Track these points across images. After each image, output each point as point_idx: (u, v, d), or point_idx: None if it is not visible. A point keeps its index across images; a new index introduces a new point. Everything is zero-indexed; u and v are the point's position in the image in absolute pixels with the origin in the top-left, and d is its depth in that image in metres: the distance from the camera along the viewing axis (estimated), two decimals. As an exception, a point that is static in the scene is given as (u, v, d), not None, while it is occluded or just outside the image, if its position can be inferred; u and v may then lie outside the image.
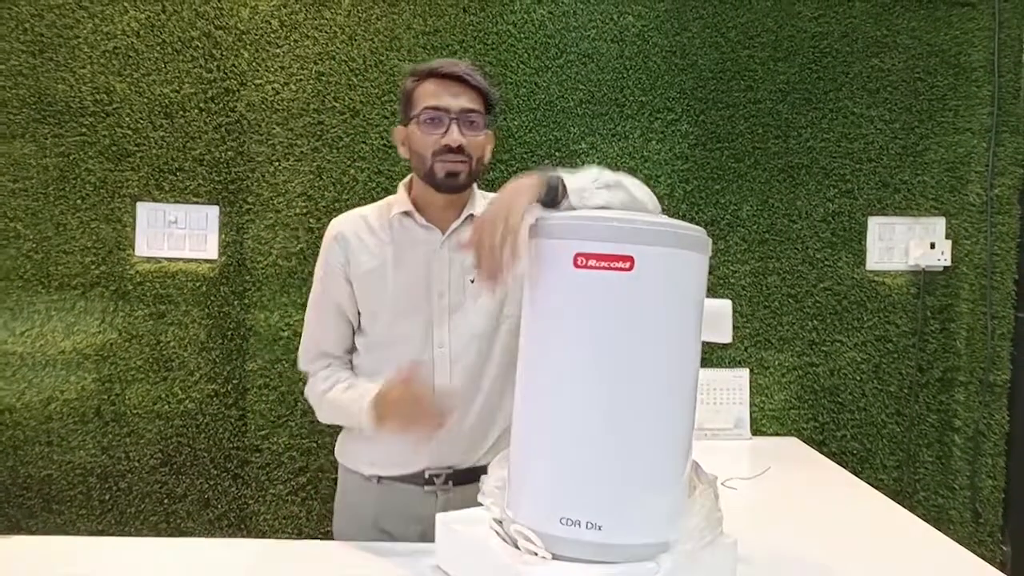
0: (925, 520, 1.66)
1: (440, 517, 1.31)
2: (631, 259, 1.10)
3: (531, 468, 1.19)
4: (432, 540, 1.32)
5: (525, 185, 1.25)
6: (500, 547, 1.18)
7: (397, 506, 1.55)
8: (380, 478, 1.57)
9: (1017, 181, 2.42)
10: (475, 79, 1.49)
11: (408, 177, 1.60)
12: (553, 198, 1.27)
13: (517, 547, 1.16)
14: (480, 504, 1.30)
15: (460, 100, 1.47)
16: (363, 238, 1.55)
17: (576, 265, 1.12)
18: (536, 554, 1.13)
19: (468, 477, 1.51)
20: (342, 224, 1.58)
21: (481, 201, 1.57)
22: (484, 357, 1.54)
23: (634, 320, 1.12)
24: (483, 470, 1.33)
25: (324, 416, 1.60)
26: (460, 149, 1.46)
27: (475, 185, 1.59)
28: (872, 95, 2.42)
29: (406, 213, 1.54)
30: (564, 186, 1.28)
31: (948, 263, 2.43)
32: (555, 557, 1.12)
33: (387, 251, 1.54)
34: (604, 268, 1.11)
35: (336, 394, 1.55)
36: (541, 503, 1.16)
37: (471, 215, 1.54)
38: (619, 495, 1.13)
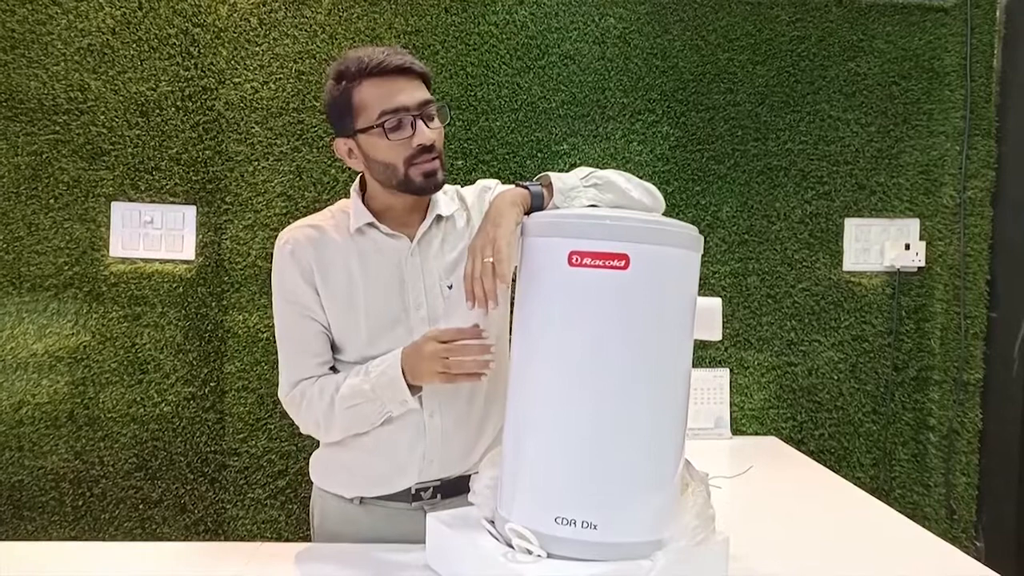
0: (902, 516, 1.69)
1: (431, 516, 1.30)
2: (626, 257, 1.10)
3: (525, 467, 1.19)
4: None
5: (507, 207, 1.25)
6: (493, 546, 1.17)
7: (383, 528, 1.44)
8: (363, 499, 1.47)
9: (989, 184, 2.47)
10: (419, 67, 1.36)
11: (357, 181, 1.48)
12: (539, 206, 1.28)
13: (511, 546, 1.15)
14: (471, 503, 1.29)
15: (415, 94, 1.34)
16: (323, 252, 1.42)
17: (571, 263, 1.12)
18: (531, 552, 1.12)
19: (457, 489, 1.44)
20: (296, 237, 1.44)
21: (443, 198, 1.47)
22: None
23: (629, 318, 1.12)
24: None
25: (342, 423, 1.41)
26: (433, 146, 1.35)
27: None
28: (848, 98, 2.46)
29: (369, 224, 1.43)
30: (551, 189, 1.29)
31: (922, 264, 2.47)
32: (549, 556, 1.12)
33: (354, 266, 1.42)
34: (599, 266, 1.11)
35: (351, 384, 1.38)
36: (535, 502, 1.16)
37: (438, 216, 1.45)
38: (614, 494, 1.13)
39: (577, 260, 1.12)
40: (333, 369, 1.47)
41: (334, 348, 1.46)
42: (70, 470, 2.28)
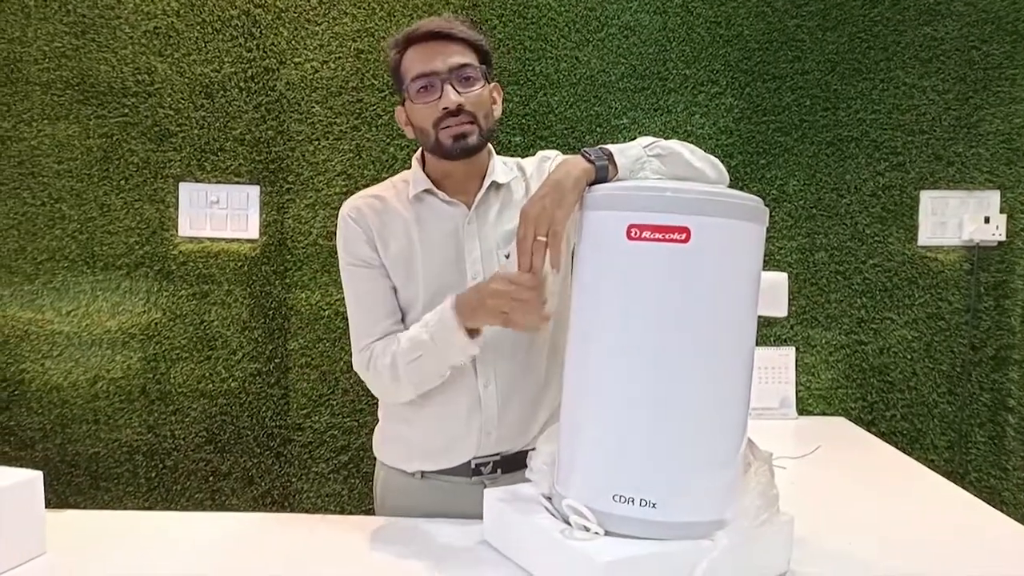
0: (978, 501, 1.61)
1: (488, 493, 1.30)
2: (687, 230, 1.07)
3: (583, 445, 1.17)
4: None
5: (572, 185, 1.21)
6: (550, 523, 1.17)
7: (444, 502, 1.45)
8: (424, 473, 1.49)
9: (1077, 152, 2.33)
10: (458, 31, 1.37)
11: (419, 151, 1.50)
12: (603, 179, 1.25)
13: (568, 523, 1.14)
14: (528, 480, 1.29)
15: (448, 59, 1.36)
16: (385, 220, 1.45)
17: (630, 237, 1.09)
18: (588, 529, 1.11)
19: (517, 463, 1.43)
20: (358, 206, 1.46)
21: (501, 167, 1.48)
22: (529, 337, 1.45)
23: (690, 293, 1.09)
24: None
25: (408, 378, 1.39)
26: (460, 109, 1.35)
27: (491, 148, 1.48)
28: (924, 64, 2.35)
29: (427, 191, 1.45)
30: (614, 163, 1.25)
31: (1003, 238, 2.36)
32: (607, 534, 1.11)
33: (413, 232, 1.44)
34: (659, 240, 1.08)
35: (410, 336, 1.37)
36: (593, 480, 1.14)
37: (494, 183, 1.45)
38: (674, 472, 1.11)
39: (636, 234, 1.09)
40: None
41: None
42: (143, 443, 2.37)
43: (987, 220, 2.35)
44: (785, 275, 1.58)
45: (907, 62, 2.35)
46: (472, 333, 1.34)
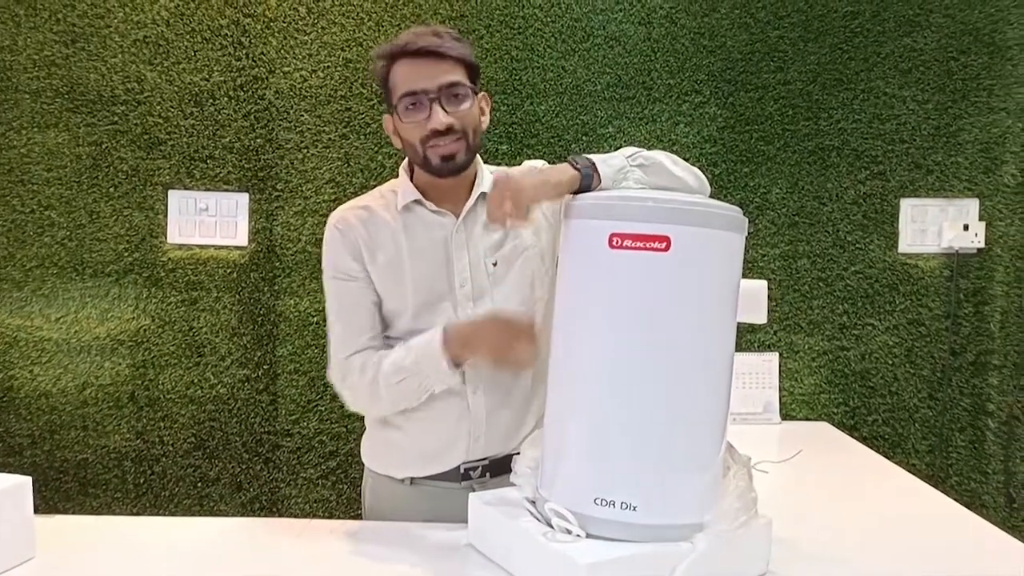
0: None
1: (473, 497, 1.32)
2: (667, 239, 1.09)
3: (565, 448, 1.20)
4: None
5: (557, 178, 1.23)
6: (533, 526, 1.19)
7: (434, 508, 1.47)
8: (413, 479, 1.50)
9: (1053, 161, 2.38)
10: (448, 50, 1.36)
11: (406, 160, 1.51)
12: (587, 187, 1.27)
13: (551, 526, 1.16)
14: (513, 484, 1.31)
15: (437, 77, 1.35)
16: (372, 230, 1.45)
17: (612, 246, 1.12)
18: (570, 532, 1.13)
19: (506, 467, 1.43)
20: (346, 217, 1.47)
21: (489, 177, 1.48)
22: None
23: (670, 300, 1.12)
24: None
25: (388, 398, 1.42)
26: (450, 129, 1.36)
27: (478, 157, 1.49)
28: (904, 75, 2.39)
29: (416, 202, 1.46)
30: (597, 173, 1.28)
31: (982, 245, 2.40)
32: (589, 536, 1.13)
33: (401, 241, 1.45)
34: (640, 248, 1.10)
35: (393, 360, 1.39)
36: (575, 483, 1.17)
37: (483, 194, 1.45)
38: (654, 475, 1.13)
39: (618, 242, 1.12)
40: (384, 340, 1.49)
41: (383, 325, 1.49)
42: (132, 449, 2.37)
43: (966, 228, 2.39)
44: (764, 283, 1.61)
45: (887, 73, 2.39)
46: (455, 363, 1.37)
